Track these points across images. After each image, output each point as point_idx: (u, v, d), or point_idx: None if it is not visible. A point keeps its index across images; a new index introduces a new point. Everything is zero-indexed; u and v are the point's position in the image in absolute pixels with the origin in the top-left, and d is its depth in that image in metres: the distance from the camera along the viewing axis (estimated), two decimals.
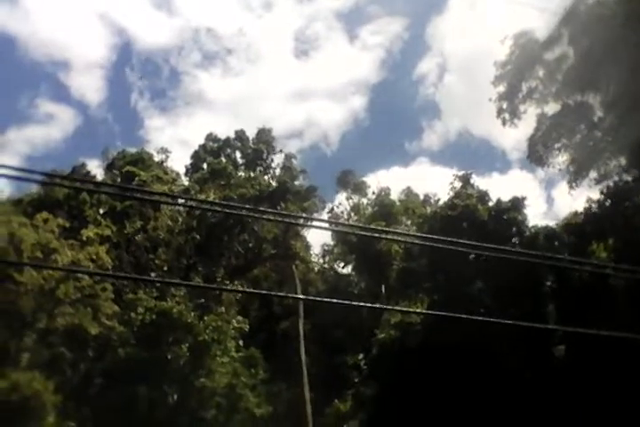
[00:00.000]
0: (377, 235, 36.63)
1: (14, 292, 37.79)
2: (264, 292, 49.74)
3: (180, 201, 49.20)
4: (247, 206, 42.71)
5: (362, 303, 40.11)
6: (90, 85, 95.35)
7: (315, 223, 44.06)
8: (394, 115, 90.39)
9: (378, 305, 40.64)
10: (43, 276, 38.02)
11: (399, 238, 37.34)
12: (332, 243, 55.30)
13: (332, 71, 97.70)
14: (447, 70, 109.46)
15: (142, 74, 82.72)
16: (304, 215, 38.97)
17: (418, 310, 36.50)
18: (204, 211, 45.78)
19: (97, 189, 32.96)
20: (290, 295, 47.17)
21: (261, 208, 16.13)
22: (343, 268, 54.77)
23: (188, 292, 40.73)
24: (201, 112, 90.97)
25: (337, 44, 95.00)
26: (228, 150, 58.67)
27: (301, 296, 46.52)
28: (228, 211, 19.22)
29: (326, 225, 53.29)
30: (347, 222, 51.90)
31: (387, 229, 40.53)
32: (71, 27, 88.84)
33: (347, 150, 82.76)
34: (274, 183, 54.08)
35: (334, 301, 11.06)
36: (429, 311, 35.85)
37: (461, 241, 9.31)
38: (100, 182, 42.91)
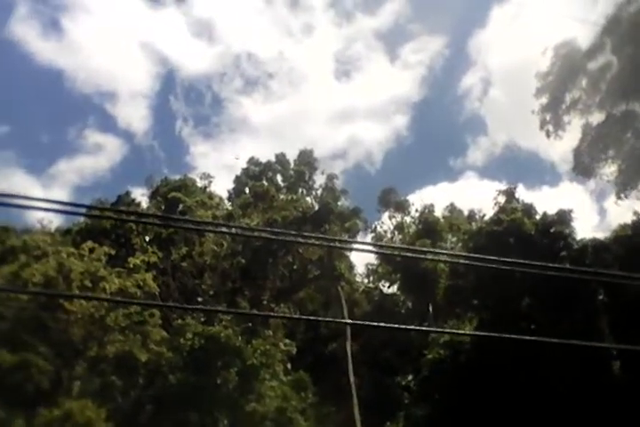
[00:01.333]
0: (423, 256, 36.31)
1: (65, 321, 38.44)
2: (312, 318, 49.42)
3: (225, 226, 49.64)
4: (292, 232, 42.71)
5: (408, 326, 39.58)
6: (136, 114, 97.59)
7: (360, 245, 43.63)
8: (437, 131, 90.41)
9: (425, 328, 40.08)
10: (92, 304, 38.58)
11: (446, 259, 37.05)
12: (376, 262, 55.04)
13: (374, 91, 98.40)
14: (492, 84, 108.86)
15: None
16: (348, 239, 38.98)
17: (462, 331, 35.95)
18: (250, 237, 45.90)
19: (142, 219, 33.39)
20: (337, 320, 46.66)
21: (306, 233, 16.17)
22: (389, 287, 54.42)
23: (235, 316, 40.83)
24: (244, 137, 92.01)
25: (378, 64, 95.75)
26: (270, 174, 59.03)
27: (349, 321, 46.04)
28: (273, 237, 19.19)
29: (371, 248, 52.97)
30: (390, 242, 51.62)
31: (432, 249, 40.26)
32: (116, 58, 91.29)
33: (390, 169, 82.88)
34: (316, 205, 54.09)
35: (381, 325, 10.92)
36: (476, 333, 35.22)
37: (508, 260, 9.11)
38: (148, 214, 43.68)
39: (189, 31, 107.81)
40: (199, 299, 43.90)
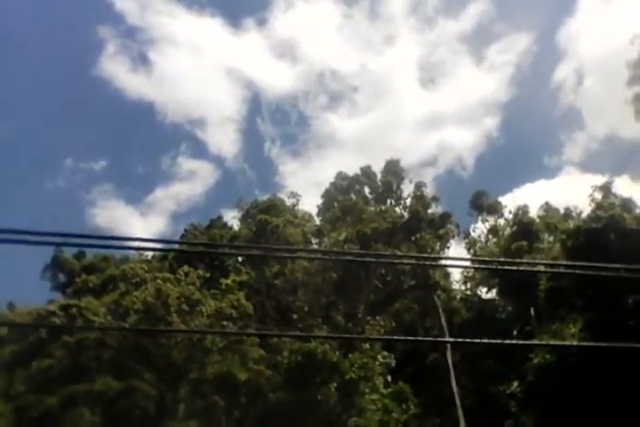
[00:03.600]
0: (522, 268, 35.03)
1: (166, 345, 39.24)
2: (412, 338, 47.91)
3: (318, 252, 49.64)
4: (387, 253, 42.71)
5: (510, 341, 38.09)
6: (225, 139, 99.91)
7: (452, 255, 42.68)
8: (530, 130, 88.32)
9: (529, 342, 38.24)
10: (191, 327, 39.25)
11: (547, 269, 35.65)
12: (468, 264, 53.68)
13: (461, 95, 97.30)
14: (586, 74, 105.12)
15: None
16: (440, 255, 38.07)
17: (566, 343, 34.42)
18: (343, 260, 45.65)
19: (226, 250, 33.74)
20: (438, 340, 45.45)
21: (398, 253, 15.76)
22: (487, 293, 52.89)
23: (331, 331, 40.63)
24: (333, 152, 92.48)
25: (463, 68, 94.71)
26: (357, 187, 58.81)
27: (449, 339, 44.86)
28: (367, 260, 18.70)
29: (460, 256, 51.72)
30: (485, 246, 50.28)
31: (532, 261, 38.80)
32: (203, 85, 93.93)
33: (483, 172, 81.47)
34: (406, 214, 53.41)
35: (484, 341, 10.15)
36: (582, 343, 33.54)
37: (611, 266, 8.47)
38: (244, 246, 44.21)
39: (272, 53, 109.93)
40: (294, 316, 43.95)
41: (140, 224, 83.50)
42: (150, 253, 51.56)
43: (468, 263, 57.04)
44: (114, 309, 42.21)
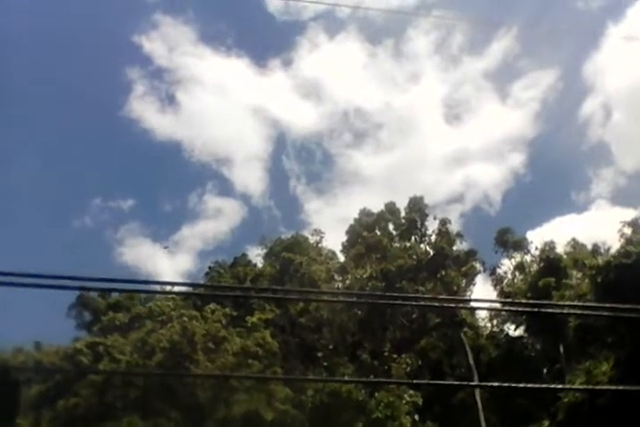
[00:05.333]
0: (552, 310, 34.77)
1: (191, 384, 39.08)
2: (440, 382, 47.04)
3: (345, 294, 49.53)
4: (416, 295, 42.50)
5: (538, 385, 37.21)
6: (251, 177, 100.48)
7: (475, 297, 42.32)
8: (557, 166, 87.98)
9: (560, 386, 37.60)
10: (216, 365, 39.13)
11: (577, 312, 35.14)
12: (498, 305, 52.96)
13: (487, 132, 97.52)
14: (613, 107, 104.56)
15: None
16: (468, 297, 37.59)
17: (597, 387, 33.80)
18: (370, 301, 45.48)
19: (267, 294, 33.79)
20: (467, 384, 44.57)
21: (422, 295, 15.67)
22: (515, 330, 52.15)
23: (357, 369, 40.28)
24: (357, 189, 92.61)
25: (488, 104, 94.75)
26: (382, 223, 58.73)
27: (478, 383, 44.05)
28: (392, 302, 18.54)
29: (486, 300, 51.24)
30: (512, 283, 49.77)
31: (564, 303, 38.34)
32: (230, 124, 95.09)
33: (510, 209, 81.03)
34: (431, 251, 53.18)
35: (515, 385, 9.87)
36: (611, 387, 32.93)
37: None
38: (269, 288, 44.27)
39: (297, 92, 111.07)
40: (319, 354, 43.63)
41: (166, 262, 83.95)
42: (175, 289, 51.68)
43: (497, 305, 56.64)
44: (140, 346, 42.22)
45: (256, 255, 56.78)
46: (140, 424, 37.04)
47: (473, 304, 47.09)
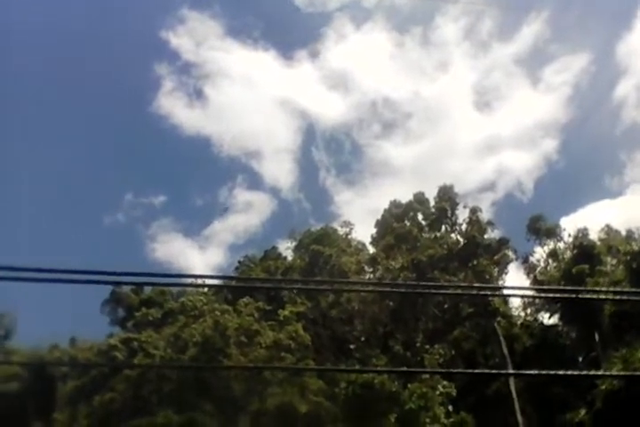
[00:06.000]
0: (589, 296, 34.56)
1: (225, 378, 39.66)
2: (476, 371, 47.18)
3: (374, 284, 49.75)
4: (448, 284, 42.39)
5: (577, 372, 37.04)
6: (281, 170, 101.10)
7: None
8: (590, 151, 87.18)
9: (599, 372, 37.41)
10: (249, 359, 39.64)
11: (614, 298, 34.96)
12: (532, 293, 52.90)
13: (518, 118, 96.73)
14: None
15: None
16: (500, 285, 37.43)
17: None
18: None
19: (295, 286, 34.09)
20: (501, 372, 44.34)
21: (458, 282, 15.84)
22: (549, 318, 51.86)
23: (389, 361, 40.50)
24: (388, 180, 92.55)
25: (519, 90, 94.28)
26: (411, 214, 58.72)
27: (511, 371, 43.95)
28: (425, 291, 18.68)
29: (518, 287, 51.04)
30: (545, 271, 49.53)
31: (600, 289, 38.08)
32: (258, 117, 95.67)
33: (543, 196, 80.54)
34: (462, 240, 53.09)
35: (553, 373, 9.85)
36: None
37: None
38: (300, 280, 44.64)
39: (325, 83, 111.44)
40: (351, 346, 43.95)
41: (198, 257, 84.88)
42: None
43: (531, 292, 56.42)
44: (173, 341, 42.91)
45: (286, 248, 57.24)
46: (175, 418, 37.69)
47: (506, 292, 46.77)
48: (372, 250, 54.18)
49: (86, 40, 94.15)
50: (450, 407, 37.50)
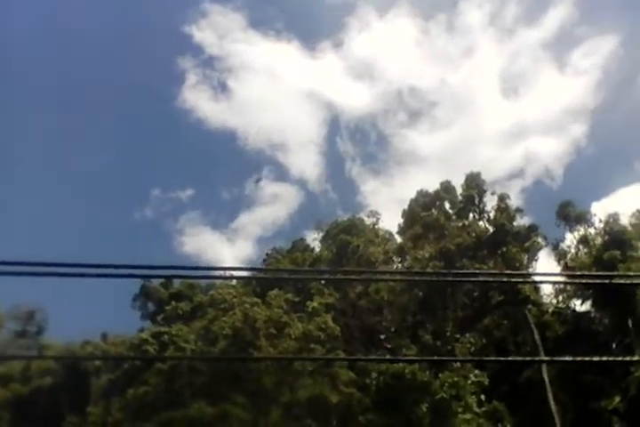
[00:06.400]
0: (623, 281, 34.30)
1: (256, 369, 40.08)
2: (509, 358, 47.31)
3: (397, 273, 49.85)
4: (475, 271, 42.30)
5: (612, 358, 36.82)
6: (307, 161, 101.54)
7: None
8: (621, 135, 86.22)
9: (635, 358, 37.12)
10: (279, 351, 40.01)
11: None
12: (563, 279, 52.55)
13: (546, 103, 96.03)
14: None
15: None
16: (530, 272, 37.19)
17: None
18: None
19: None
20: (534, 359, 44.26)
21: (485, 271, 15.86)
22: (581, 305, 51.57)
23: (420, 351, 40.63)
24: (414, 169, 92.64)
25: (546, 75, 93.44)
26: (438, 203, 58.57)
27: (544, 358, 43.86)
28: (450, 279, 18.72)
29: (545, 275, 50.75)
30: (576, 257, 49.23)
31: (635, 273, 37.75)
32: (283, 109, 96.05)
33: (572, 182, 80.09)
34: (490, 228, 52.91)
35: (587, 359, 10.22)
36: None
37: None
38: (326, 270, 44.92)
39: (349, 73, 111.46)
40: (381, 336, 44.14)
41: (227, 250, 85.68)
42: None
43: (562, 279, 56.03)
44: (203, 334, 43.39)
45: (313, 239, 57.47)
46: (208, 410, 38.22)
47: (537, 279, 46.52)
48: (399, 240, 54.21)
49: (110, 36, 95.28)
50: (482, 396, 37.55)
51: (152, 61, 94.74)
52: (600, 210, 56.16)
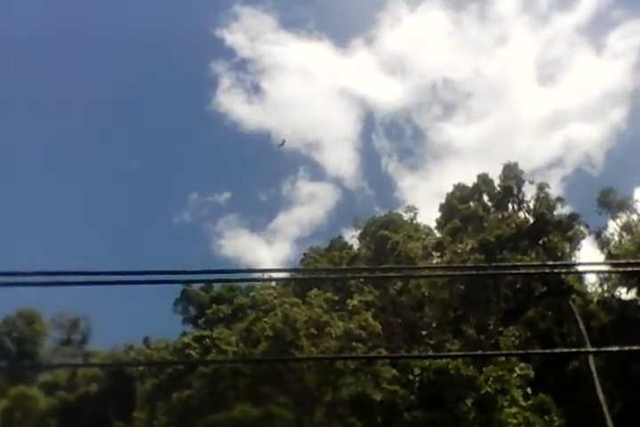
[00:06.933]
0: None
1: (299, 369, 40.70)
2: (556, 350, 47.38)
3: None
4: (517, 264, 42.26)
5: None
6: (342, 159, 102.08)
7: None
8: None
9: None
10: (320, 350, 40.59)
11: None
12: (607, 268, 52.13)
13: (584, 89, 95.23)
14: None
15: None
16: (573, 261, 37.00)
17: None
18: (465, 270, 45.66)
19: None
20: (580, 350, 43.96)
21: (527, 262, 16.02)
22: (627, 293, 51.10)
23: (464, 345, 40.84)
24: (451, 162, 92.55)
25: (583, 60, 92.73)
26: (477, 195, 58.55)
27: (590, 349, 43.68)
28: (492, 272, 18.96)
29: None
30: (619, 245, 48.92)
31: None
32: (316, 108, 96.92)
33: (614, 168, 79.27)
34: (530, 218, 52.81)
35: (631, 348, 10.21)
36: None
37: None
38: (366, 268, 45.24)
39: (382, 69, 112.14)
40: (423, 332, 44.41)
41: (265, 251, 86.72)
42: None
43: (606, 267, 55.71)
44: (245, 336, 44.13)
45: (351, 237, 57.95)
46: (253, 412, 38.94)
47: (580, 269, 46.20)
48: (438, 234, 54.40)
49: (145, 43, 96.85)
50: (528, 389, 37.60)
51: (186, 66, 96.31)
52: None
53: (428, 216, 63.41)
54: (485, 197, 57.13)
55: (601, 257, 52.21)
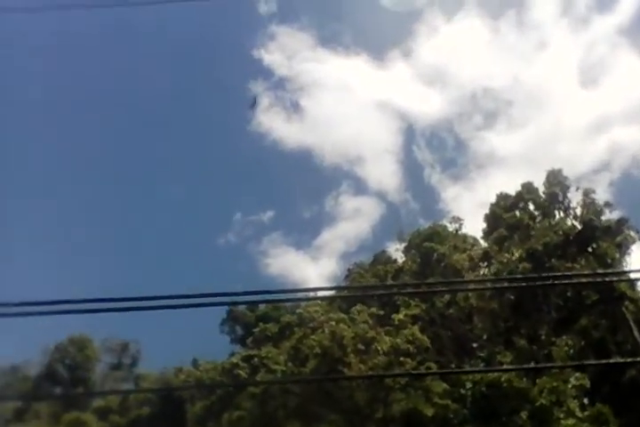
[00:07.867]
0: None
1: (348, 387, 41.10)
2: (611, 361, 46.84)
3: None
4: (566, 273, 42.24)
5: None
6: (385, 172, 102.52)
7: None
8: None
9: None
10: (368, 366, 40.94)
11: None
12: None
13: (627, 91, 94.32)
14: None
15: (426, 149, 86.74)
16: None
17: None
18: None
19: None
20: (636, 360, 43.50)
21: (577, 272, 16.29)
22: None
23: (516, 356, 40.83)
24: (495, 171, 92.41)
25: (626, 62, 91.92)
26: (522, 204, 58.44)
27: None
28: (540, 283, 19.38)
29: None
30: None
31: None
32: (356, 123, 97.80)
33: None
34: (577, 224, 52.61)
35: None
36: None
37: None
38: (411, 283, 45.51)
39: (421, 80, 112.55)
40: (473, 345, 44.46)
41: (311, 268, 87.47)
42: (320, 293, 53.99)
43: None
44: (293, 354, 44.66)
45: (395, 250, 58.25)
46: None
47: (632, 276, 45.76)
48: (484, 244, 54.43)
49: (184, 67, 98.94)
50: (584, 400, 37.42)
51: (225, 88, 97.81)
52: None
53: (474, 226, 63.51)
54: (531, 206, 57.03)
55: None
